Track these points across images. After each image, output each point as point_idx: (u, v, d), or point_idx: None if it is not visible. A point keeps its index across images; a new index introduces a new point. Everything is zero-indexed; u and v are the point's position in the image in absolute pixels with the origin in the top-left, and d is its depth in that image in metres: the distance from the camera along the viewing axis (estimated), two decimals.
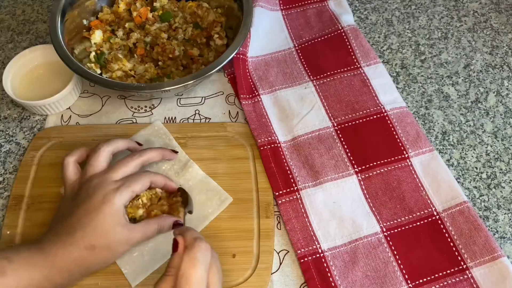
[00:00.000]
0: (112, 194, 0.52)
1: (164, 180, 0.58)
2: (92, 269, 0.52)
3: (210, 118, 0.70)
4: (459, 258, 0.58)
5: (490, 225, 0.61)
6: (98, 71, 0.71)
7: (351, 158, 0.65)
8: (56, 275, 0.49)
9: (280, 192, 0.63)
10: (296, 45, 0.77)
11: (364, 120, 0.68)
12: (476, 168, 0.66)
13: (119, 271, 0.56)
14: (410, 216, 0.61)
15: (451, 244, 0.59)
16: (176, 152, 0.62)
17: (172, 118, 0.70)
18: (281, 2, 0.82)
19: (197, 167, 0.63)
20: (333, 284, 0.56)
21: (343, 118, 0.69)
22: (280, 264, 0.59)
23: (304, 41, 0.77)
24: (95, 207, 0.51)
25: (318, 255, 0.58)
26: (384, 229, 0.60)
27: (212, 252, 0.47)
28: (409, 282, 0.56)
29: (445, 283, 0.56)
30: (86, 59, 0.72)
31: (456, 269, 0.57)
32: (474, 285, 0.56)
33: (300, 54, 0.76)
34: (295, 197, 0.62)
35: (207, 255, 0.46)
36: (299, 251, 0.59)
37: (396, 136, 0.66)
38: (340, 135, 0.67)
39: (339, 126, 0.68)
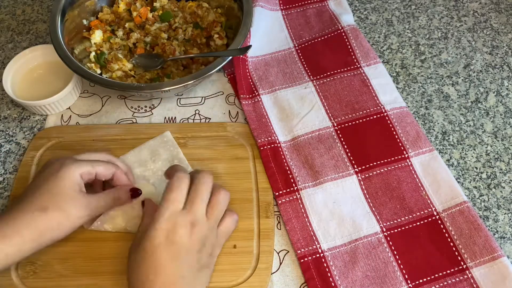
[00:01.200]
0: (70, 162, 0.54)
1: (126, 180, 0.59)
2: (47, 234, 0.51)
3: (210, 118, 0.70)
4: (459, 258, 0.58)
5: (490, 225, 0.61)
6: (98, 71, 0.71)
7: (351, 158, 0.65)
8: (21, 242, 0.49)
9: (280, 192, 0.63)
10: (296, 45, 0.77)
11: (364, 120, 0.68)
12: (476, 168, 0.66)
13: (119, 271, 0.56)
14: (410, 216, 0.61)
15: (451, 244, 0.59)
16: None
17: (172, 118, 0.70)
18: (281, 2, 0.82)
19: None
20: (333, 284, 0.56)
21: (343, 118, 0.69)
22: (280, 264, 0.59)
23: (304, 41, 0.77)
24: (52, 173, 0.53)
25: (318, 255, 0.58)
26: (384, 229, 0.60)
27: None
28: (409, 282, 0.56)
29: (445, 283, 0.56)
30: (86, 59, 0.72)
31: (456, 269, 0.57)
32: (474, 285, 0.56)
33: (300, 54, 0.76)
34: (295, 197, 0.62)
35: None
36: (299, 251, 0.59)
37: (396, 136, 0.66)
38: (340, 135, 0.67)
39: (339, 126, 0.68)
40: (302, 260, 0.58)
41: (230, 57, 0.66)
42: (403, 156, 0.65)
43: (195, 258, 0.50)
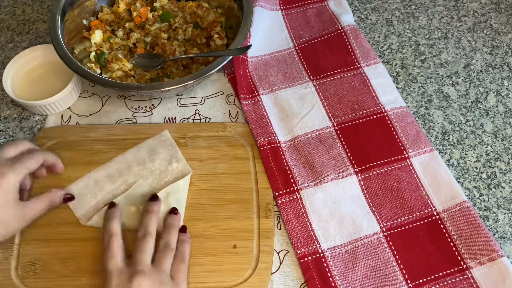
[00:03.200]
0: (7, 171, 0.53)
1: (55, 158, 0.60)
2: None
3: (210, 118, 0.70)
4: (459, 258, 0.58)
5: (490, 225, 0.61)
6: (98, 71, 0.71)
7: (351, 158, 0.65)
8: None
9: (280, 192, 0.63)
10: (296, 45, 0.77)
11: (364, 120, 0.68)
12: (476, 168, 0.66)
13: None
14: (410, 216, 0.61)
15: (451, 244, 0.59)
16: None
17: (172, 118, 0.70)
18: (281, 2, 0.82)
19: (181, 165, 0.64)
20: (333, 284, 0.56)
21: (343, 118, 0.69)
22: (280, 264, 0.59)
23: (304, 41, 0.77)
24: None
25: (318, 255, 0.58)
26: (384, 229, 0.60)
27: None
28: (409, 282, 0.56)
29: (445, 283, 0.56)
30: (86, 59, 0.72)
31: (456, 269, 0.57)
32: (474, 285, 0.56)
33: (300, 54, 0.76)
34: (295, 197, 0.62)
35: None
36: (299, 251, 0.59)
37: (396, 136, 0.67)
38: (340, 135, 0.67)
39: (339, 126, 0.68)
40: (302, 260, 0.58)
41: (230, 57, 0.66)
42: (403, 156, 0.65)
43: None
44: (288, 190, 0.63)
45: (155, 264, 0.52)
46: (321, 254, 0.58)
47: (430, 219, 0.61)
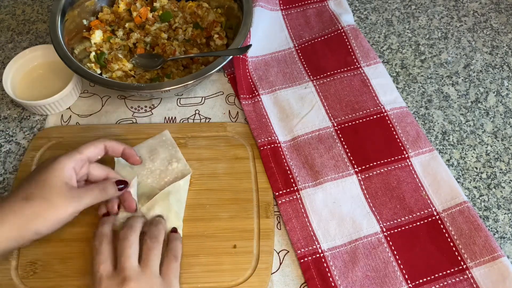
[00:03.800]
0: (63, 156, 0.55)
1: (122, 146, 0.59)
2: (32, 223, 0.51)
3: (210, 118, 0.70)
4: (459, 258, 0.58)
5: (490, 225, 0.61)
6: (98, 71, 0.71)
7: (351, 158, 0.65)
8: (7, 229, 0.49)
9: (280, 192, 0.63)
10: (296, 45, 0.77)
11: (364, 120, 0.68)
12: (476, 168, 0.66)
13: None
14: (410, 216, 0.61)
15: (451, 244, 0.59)
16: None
17: (172, 118, 0.70)
18: (281, 2, 0.82)
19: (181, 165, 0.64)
20: (333, 284, 0.56)
21: (343, 118, 0.69)
22: (280, 264, 0.59)
23: (304, 41, 0.77)
24: (44, 166, 0.54)
25: (318, 255, 0.58)
26: (384, 229, 0.60)
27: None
28: (409, 282, 0.56)
29: (445, 283, 0.56)
30: (86, 59, 0.72)
31: (456, 269, 0.57)
32: (474, 285, 0.56)
33: (300, 54, 0.76)
34: (295, 197, 0.62)
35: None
36: (299, 251, 0.59)
37: (396, 136, 0.67)
38: (340, 135, 0.67)
39: (339, 126, 0.68)
40: (302, 260, 0.58)
41: (230, 57, 0.66)
42: (403, 156, 0.65)
43: None
44: (288, 190, 0.63)
45: (143, 264, 0.52)
46: (321, 254, 0.58)
47: (430, 219, 0.61)
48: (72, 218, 0.53)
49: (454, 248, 0.58)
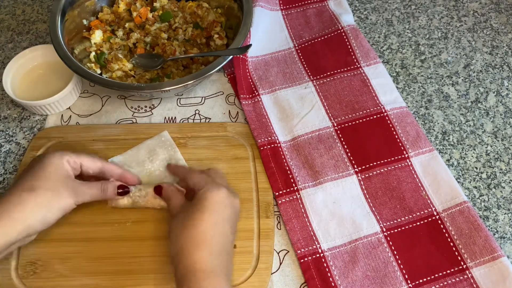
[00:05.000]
0: (56, 151, 0.56)
1: (120, 171, 0.60)
2: (35, 214, 0.51)
3: (210, 118, 0.70)
4: (459, 258, 0.58)
5: (490, 225, 0.61)
6: (98, 71, 0.71)
7: (351, 158, 0.65)
8: (10, 224, 0.50)
9: (280, 192, 0.63)
10: (296, 45, 0.77)
11: (364, 120, 0.68)
12: (476, 168, 0.66)
13: (119, 271, 0.56)
14: (410, 216, 0.61)
15: (451, 244, 0.59)
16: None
17: (172, 118, 0.70)
18: (281, 2, 0.82)
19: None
20: (333, 284, 0.56)
21: (343, 118, 0.69)
22: (280, 264, 0.59)
23: (304, 41, 0.77)
24: (39, 160, 0.55)
25: (318, 255, 0.58)
26: (384, 229, 0.60)
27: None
28: (409, 282, 0.56)
29: (445, 283, 0.56)
30: (86, 59, 0.72)
31: (456, 269, 0.57)
32: (474, 285, 0.56)
33: (300, 54, 0.76)
34: (295, 197, 0.62)
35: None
36: (299, 251, 0.59)
37: (396, 136, 0.67)
38: (340, 135, 0.67)
39: (339, 126, 0.68)
40: (302, 260, 0.58)
41: (230, 57, 0.66)
42: (403, 156, 0.65)
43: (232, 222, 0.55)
44: (288, 190, 0.63)
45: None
46: (321, 254, 0.58)
47: (430, 219, 0.61)
48: (70, 210, 0.54)
49: (454, 248, 0.58)
